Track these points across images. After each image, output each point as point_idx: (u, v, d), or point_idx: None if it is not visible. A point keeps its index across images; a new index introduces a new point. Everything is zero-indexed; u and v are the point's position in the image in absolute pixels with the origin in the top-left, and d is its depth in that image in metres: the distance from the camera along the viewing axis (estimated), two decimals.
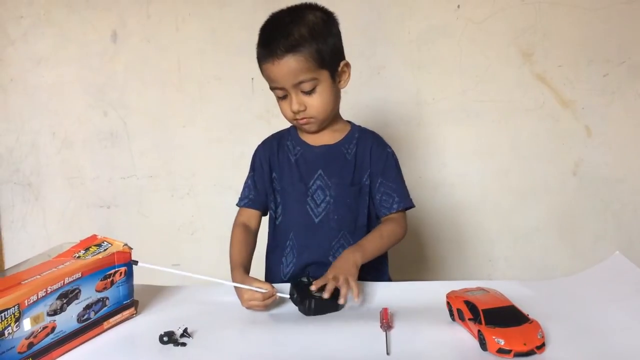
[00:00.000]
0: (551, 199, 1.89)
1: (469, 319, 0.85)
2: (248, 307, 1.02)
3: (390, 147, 1.25)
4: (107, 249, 0.97)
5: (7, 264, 2.04)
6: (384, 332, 0.88)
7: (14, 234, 2.05)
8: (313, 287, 1.00)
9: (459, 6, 1.82)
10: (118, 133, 1.98)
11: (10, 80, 1.99)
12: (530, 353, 0.78)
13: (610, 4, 1.79)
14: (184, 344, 0.88)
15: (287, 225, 1.24)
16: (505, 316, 0.82)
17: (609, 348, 0.81)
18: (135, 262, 0.99)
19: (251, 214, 1.27)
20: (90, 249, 0.96)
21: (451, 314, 0.92)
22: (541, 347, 0.79)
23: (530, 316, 0.83)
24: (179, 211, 2.00)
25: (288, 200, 1.23)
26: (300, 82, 1.11)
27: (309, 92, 1.12)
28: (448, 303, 0.93)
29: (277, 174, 1.24)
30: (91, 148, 2.00)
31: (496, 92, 1.85)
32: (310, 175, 1.21)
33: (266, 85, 1.86)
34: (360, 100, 1.83)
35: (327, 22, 1.14)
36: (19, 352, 0.80)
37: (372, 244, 1.14)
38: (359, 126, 1.27)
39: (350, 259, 1.07)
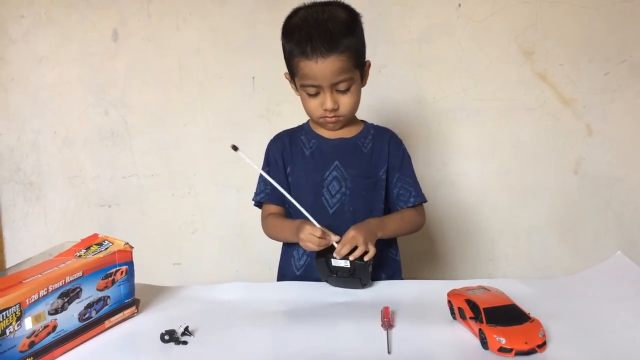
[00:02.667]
0: (552, 198, 1.89)
1: (470, 318, 0.85)
2: (303, 245, 1.07)
3: (404, 144, 1.27)
4: (108, 247, 0.97)
5: (9, 263, 2.04)
6: (385, 331, 0.88)
7: (15, 233, 2.06)
8: (335, 254, 1.04)
9: (459, 5, 1.82)
10: (119, 132, 1.98)
11: (11, 79, 1.99)
12: (531, 352, 0.78)
13: (611, 2, 1.78)
14: (185, 343, 0.88)
15: (298, 217, 1.23)
16: (507, 315, 0.82)
17: (610, 347, 0.81)
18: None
19: (274, 208, 1.27)
20: (91, 247, 0.97)
21: (452, 313, 0.92)
22: (542, 346, 0.79)
23: (532, 315, 0.83)
24: (179, 210, 2.00)
25: (301, 193, 1.22)
26: (339, 82, 1.11)
27: (344, 91, 1.13)
28: (449, 302, 0.93)
29: (290, 168, 1.25)
30: (92, 147, 2.00)
31: (497, 91, 1.85)
32: (327, 166, 1.22)
33: (267, 83, 1.89)
34: (360, 99, 1.83)
35: (358, 21, 1.15)
36: (20, 351, 0.80)
37: (393, 224, 1.17)
38: (372, 124, 1.29)
39: (372, 227, 1.10)
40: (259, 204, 1.30)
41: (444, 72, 1.85)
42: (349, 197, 1.20)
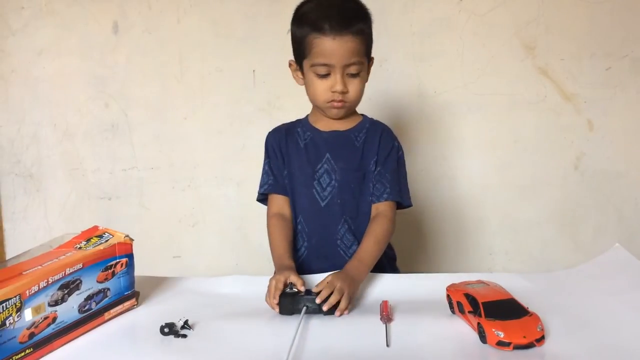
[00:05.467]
0: (552, 193, 1.89)
1: (469, 312, 0.85)
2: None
3: (398, 141, 1.26)
4: (108, 240, 0.97)
5: (9, 255, 2.04)
6: (384, 324, 0.88)
7: (15, 225, 2.06)
8: (314, 290, 0.97)
9: None
10: (119, 125, 1.98)
11: (11, 71, 1.99)
12: (529, 346, 0.78)
13: None
14: (184, 336, 0.88)
15: (295, 209, 1.24)
16: (505, 309, 0.82)
17: (608, 341, 0.81)
18: None
19: (279, 200, 1.25)
20: (91, 240, 0.97)
21: (451, 307, 0.92)
22: (540, 339, 0.79)
23: (530, 309, 0.83)
24: (180, 203, 2.00)
25: (296, 185, 1.23)
26: (352, 64, 1.11)
27: (354, 75, 1.13)
28: (448, 296, 0.93)
29: (286, 160, 1.25)
30: (92, 140, 2.00)
31: (498, 86, 1.85)
32: (319, 159, 1.22)
33: (268, 77, 1.89)
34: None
35: (369, 14, 1.16)
36: (20, 342, 0.81)
37: (372, 256, 1.12)
38: (372, 118, 1.28)
39: (354, 276, 1.04)
40: (263, 196, 1.27)
41: (445, 66, 1.85)
42: (338, 189, 1.20)
